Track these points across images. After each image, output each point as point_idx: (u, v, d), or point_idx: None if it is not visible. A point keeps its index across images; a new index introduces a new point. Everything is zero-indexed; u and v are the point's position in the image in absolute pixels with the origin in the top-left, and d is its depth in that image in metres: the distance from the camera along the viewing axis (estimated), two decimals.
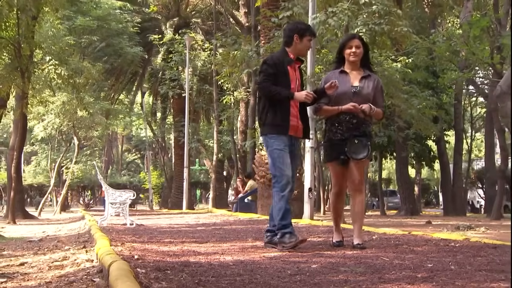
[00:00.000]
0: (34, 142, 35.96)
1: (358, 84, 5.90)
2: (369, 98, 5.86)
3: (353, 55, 5.93)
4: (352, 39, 6.07)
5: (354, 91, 5.85)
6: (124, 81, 34.06)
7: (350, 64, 5.98)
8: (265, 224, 11.06)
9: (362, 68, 6.02)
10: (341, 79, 5.89)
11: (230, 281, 3.75)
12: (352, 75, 5.96)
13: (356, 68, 6.00)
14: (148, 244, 6.57)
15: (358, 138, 5.76)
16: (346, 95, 5.83)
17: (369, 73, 6.02)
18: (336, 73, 6.02)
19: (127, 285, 2.97)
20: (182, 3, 32.58)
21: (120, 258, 4.17)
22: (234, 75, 18.47)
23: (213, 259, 4.99)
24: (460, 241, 6.28)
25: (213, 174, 29.06)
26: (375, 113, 5.88)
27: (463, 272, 3.97)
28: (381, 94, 6.13)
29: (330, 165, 6.13)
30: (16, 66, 16.45)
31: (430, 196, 50.78)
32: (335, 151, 5.87)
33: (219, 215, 17.20)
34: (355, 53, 5.92)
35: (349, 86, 5.88)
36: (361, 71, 5.99)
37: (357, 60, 5.97)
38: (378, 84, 6.05)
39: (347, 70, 6.00)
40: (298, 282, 3.69)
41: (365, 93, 5.87)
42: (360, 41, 6.04)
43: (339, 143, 5.82)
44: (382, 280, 3.67)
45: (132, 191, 13.03)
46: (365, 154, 5.77)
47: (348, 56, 5.96)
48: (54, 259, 5.38)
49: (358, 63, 6.00)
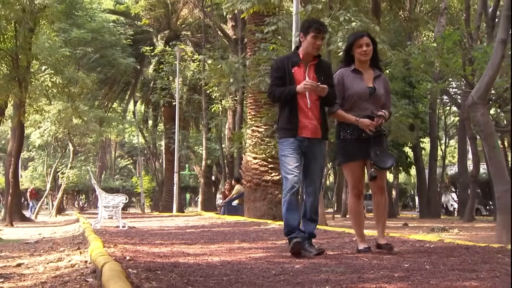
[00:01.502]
0: (31, 149, 35.73)
1: (372, 85, 5.38)
2: (382, 99, 5.41)
3: (364, 54, 5.34)
4: (361, 37, 5.41)
5: (370, 92, 5.33)
6: (117, 90, 33.99)
7: (361, 63, 5.41)
8: (251, 227, 11.08)
9: (371, 67, 5.47)
10: (355, 79, 5.37)
11: (217, 280, 3.75)
12: (365, 74, 5.40)
13: (367, 68, 5.44)
14: (140, 246, 6.55)
15: (377, 147, 5.23)
16: (363, 96, 5.31)
17: (379, 73, 5.50)
18: (348, 71, 5.43)
19: (118, 285, 2.96)
20: (172, 16, 32.58)
21: (113, 259, 4.16)
22: (221, 85, 18.49)
23: (201, 260, 4.98)
24: (435, 242, 6.31)
25: (202, 179, 28.99)
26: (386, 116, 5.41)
27: (437, 271, 3.99)
28: (389, 94, 5.66)
29: (347, 166, 5.47)
30: (14, 76, 16.40)
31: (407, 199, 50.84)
32: (354, 152, 5.34)
33: (207, 218, 17.17)
34: (366, 52, 5.33)
35: (364, 86, 5.33)
36: (372, 71, 5.45)
37: (367, 59, 5.39)
38: (387, 84, 5.60)
39: (359, 69, 5.42)
40: (281, 281, 3.69)
41: (380, 94, 5.38)
42: (370, 38, 5.43)
43: (357, 143, 5.29)
44: (361, 280, 3.68)
45: (124, 195, 12.99)
46: (392, 161, 5.31)
47: (359, 55, 5.36)
48: (50, 260, 5.35)
49: (369, 62, 5.43)
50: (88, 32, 24.90)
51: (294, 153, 5.28)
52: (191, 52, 29.55)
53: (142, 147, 41.56)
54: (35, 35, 17.49)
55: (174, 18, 32.75)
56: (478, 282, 3.50)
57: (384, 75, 5.59)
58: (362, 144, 5.26)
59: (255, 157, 16.14)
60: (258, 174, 15.99)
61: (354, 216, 5.54)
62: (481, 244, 5.96)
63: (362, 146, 5.26)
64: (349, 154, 5.38)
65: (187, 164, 40.66)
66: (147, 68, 32.45)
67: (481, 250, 5.39)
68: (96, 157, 46.22)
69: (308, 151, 5.33)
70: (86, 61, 26.67)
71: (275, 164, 16.21)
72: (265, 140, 15.94)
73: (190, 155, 34.11)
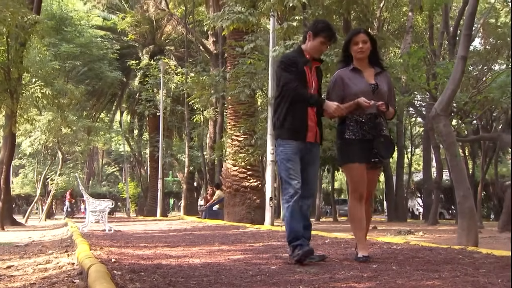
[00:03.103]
0: (22, 156, 35.31)
1: (374, 82, 4.81)
2: (386, 96, 4.81)
3: (360, 52, 4.79)
4: (357, 34, 4.86)
5: (373, 89, 4.76)
6: (104, 102, 33.81)
7: (359, 62, 4.85)
8: (230, 230, 11.06)
9: (371, 65, 4.90)
10: (355, 77, 4.81)
11: (198, 281, 3.73)
12: (365, 72, 4.85)
13: (366, 65, 4.87)
14: (125, 248, 6.49)
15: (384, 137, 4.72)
16: (365, 94, 4.70)
17: (381, 70, 4.91)
18: (347, 71, 4.86)
19: (104, 286, 2.94)
20: (157, 32, 32.55)
21: (99, 261, 4.13)
22: (203, 96, 18.52)
23: (183, 262, 4.95)
24: (401, 244, 6.34)
25: (185, 185, 28.93)
26: (388, 113, 4.83)
27: (403, 271, 4.01)
28: (393, 92, 5.06)
29: (348, 168, 4.80)
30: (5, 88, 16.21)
31: (376, 204, 51.16)
32: (356, 153, 4.71)
33: (189, 222, 17.10)
34: (362, 49, 4.78)
35: (367, 83, 4.77)
36: (372, 68, 4.88)
37: (364, 56, 4.83)
38: (390, 81, 5.02)
39: (358, 67, 4.86)
40: (258, 281, 3.69)
41: (384, 91, 4.81)
42: (367, 35, 4.87)
43: (360, 144, 4.70)
44: (332, 280, 3.68)
45: (110, 200, 12.90)
46: (391, 150, 4.84)
47: (355, 53, 4.82)
48: (39, 262, 5.28)
49: (367, 60, 4.87)
50: (77, 46, 24.78)
51: (297, 157, 4.80)
52: (175, 65, 29.54)
53: (128, 155, 41.35)
54: (26, 49, 17.32)
55: (159, 34, 32.73)
56: (441, 281, 3.53)
57: (386, 72, 5.04)
58: (366, 146, 4.70)
59: (235, 165, 16.14)
60: (237, 180, 15.99)
61: (354, 220, 4.86)
62: (443, 246, 6.01)
63: (366, 147, 4.70)
64: (351, 154, 4.75)
65: (171, 171, 40.51)
66: (133, 81, 32.33)
67: (444, 252, 5.43)
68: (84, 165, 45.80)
69: (307, 156, 4.85)
70: (75, 74, 26.49)
71: (253, 171, 16.24)
72: (244, 148, 15.95)
73: (174, 162, 34.04)
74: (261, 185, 15.78)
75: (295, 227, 4.72)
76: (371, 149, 4.70)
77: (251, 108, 16.61)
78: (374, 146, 4.68)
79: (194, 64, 27.21)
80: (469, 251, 5.45)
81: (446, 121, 7.08)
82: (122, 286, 3.35)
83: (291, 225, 4.73)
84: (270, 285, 3.51)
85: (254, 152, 15.81)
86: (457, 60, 7.48)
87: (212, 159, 25.21)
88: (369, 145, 4.69)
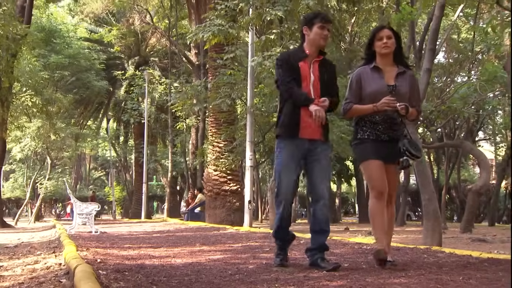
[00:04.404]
0: (12, 162, 34.80)
1: (394, 83, 4.35)
2: (406, 98, 4.34)
3: (385, 47, 4.34)
4: (382, 29, 4.43)
5: (390, 90, 4.31)
6: (91, 110, 33.53)
7: (383, 58, 4.39)
8: (211, 231, 11.02)
9: (396, 64, 4.44)
10: (374, 76, 4.36)
11: (179, 280, 3.72)
12: (386, 71, 4.38)
13: (389, 63, 4.41)
14: (110, 249, 6.44)
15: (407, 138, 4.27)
16: (382, 94, 4.28)
17: (404, 69, 4.43)
18: (367, 69, 4.41)
19: (89, 285, 2.92)
20: (142, 44, 32.42)
21: (85, 262, 4.09)
22: (186, 105, 18.49)
23: (165, 262, 4.93)
24: (371, 244, 6.38)
25: (168, 189, 28.77)
26: (409, 114, 4.33)
27: (372, 270, 4.04)
28: (417, 92, 4.55)
29: (367, 165, 4.33)
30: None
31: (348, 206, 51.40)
32: (373, 150, 4.29)
33: (172, 224, 17.01)
34: (387, 44, 4.33)
35: (384, 84, 4.33)
36: (396, 67, 4.41)
37: (389, 52, 4.36)
38: (414, 81, 4.53)
39: (380, 66, 4.40)
40: (237, 280, 3.69)
41: (403, 92, 4.34)
42: (391, 31, 4.42)
43: (375, 144, 4.30)
44: (307, 278, 3.70)
45: (97, 203, 12.80)
46: (420, 152, 4.40)
47: (379, 48, 4.36)
48: (27, 262, 5.21)
49: (391, 56, 4.41)
50: (65, 57, 24.58)
51: (291, 159, 4.30)
52: (159, 76, 29.44)
53: (114, 160, 41.09)
54: (17, 60, 17.15)
55: (143, 46, 32.60)
56: (407, 279, 3.56)
57: (411, 72, 4.53)
58: (381, 146, 4.30)
59: (216, 170, 16.12)
60: (218, 184, 15.97)
61: (374, 220, 4.31)
62: (410, 246, 6.07)
63: (382, 148, 4.30)
64: (368, 152, 4.32)
65: (155, 176, 40.30)
66: (119, 90, 32.13)
67: (410, 251, 5.48)
68: (72, 169, 45.30)
69: (310, 154, 4.31)
70: (63, 83, 26.22)
71: (233, 175, 16.23)
72: (225, 154, 15.94)
73: (158, 167, 33.83)
74: (240, 189, 15.77)
75: (280, 235, 4.44)
76: (386, 150, 4.29)
77: (231, 116, 16.61)
78: (401, 145, 4.23)
79: (177, 75, 27.17)
80: (433, 250, 5.51)
81: (413, 129, 7.17)
82: (106, 285, 3.32)
83: (276, 233, 4.46)
84: (248, 284, 3.51)
85: (234, 158, 15.81)
86: (422, 72, 7.58)
87: (194, 165, 25.13)
88: (384, 146, 4.30)
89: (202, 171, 20.32)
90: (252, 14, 12.26)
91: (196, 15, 18.55)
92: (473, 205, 13.18)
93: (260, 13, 11.79)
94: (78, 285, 3.01)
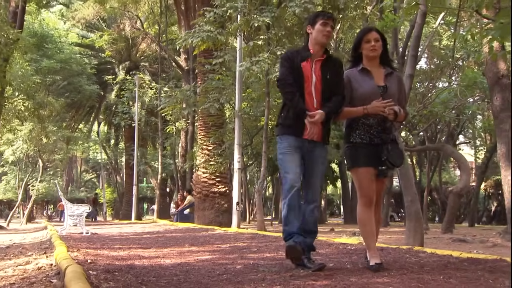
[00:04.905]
0: (5, 164, 34.51)
1: (383, 83, 4.21)
2: (396, 99, 4.21)
3: (373, 50, 4.21)
4: (370, 31, 4.29)
5: (382, 91, 4.18)
6: (83, 113, 33.38)
7: (370, 60, 4.26)
8: (200, 232, 11.00)
9: (382, 65, 4.31)
10: (364, 78, 4.22)
11: (168, 280, 3.71)
12: (374, 72, 4.24)
13: (376, 65, 4.28)
14: (100, 250, 6.40)
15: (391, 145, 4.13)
16: (373, 96, 4.14)
17: (391, 70, 4.32)
18: (355, 72, 4.27)
19: (79, 285, 2.90)
20: (132, 49, 32.31)
21: (75, 262, 4.06)
22: (176, 109, 18.48)
23: (155, 262, 4.91)
24: (355, 244, 6.41)
25: (158, 191, 28.64)
26: (398, 118, 4.22)
27: (356, 270, 4.05)
28: (404, 93, 4.46)
29: (357, 172, 4.20)
30: None
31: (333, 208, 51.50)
32: (364, 157, 4.14)
33: (162, 225, 16.96)
34: (375, 47, 4.20)
35: (375, 85, 4.18)
36: (382, 68, 4.29)
37: (377, 55, 4.24)
38: (401, 83, 4.42)
39: (368, 67, 4.26)
40: (224, 280, 3.68)
41: (393, 92, 4.21)
42: (379, 34, 4.29)
43: (367, 148, 4.14)
44: (292, 278, 3.70)
45: (88, 205, 12.75)
46: (402, 160, 4.25)
47: (367, 51, 4.23)
48: (19, 263, 5.16)
49: (378, 59, 4.29)
50: (57, 62, 24.45)
51: (294, 152, 4.17)
52: (149, 80, 29.36)
53: (105, 162, 40.89)
54: (9, 64, 16.99)
55: (134, 51, 32.49)
56: (389, 279, 3.58)
57: (397, 73, 4.44)
58: (374, 150, 4.14)
59: (204, 172, 16.10)
60: (207, 186, 15.95)
61: (363, 227, 4.22)
62: (393, 246, 6.09)
63: (374, 152, 4.13)
64: (359, 158, 4.17)
65: (145, 178, 40.19)
66: (110, 94, 31.98)
67: (393, 251, 5.50)
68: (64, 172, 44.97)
69: (308, 155, 4.21)
70: (55, 87, 26.08)
71: (221, 178, 16.22)
72: (213, 157, 15.93)
73: (148, 169, 33.72)
74: (228, 191, 15.76)
75: (290, 226, 4.14)
76: (379, 154, 4.14)
77: (219, 120, 16.61)
78: (382, 153, 4.11)
79: (167, 79, 27.08)
80: (415, 250, 5.53)
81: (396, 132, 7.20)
82: (96, 285, 3.30)
83: (285, 222, 4.17)
84: (235, 284, 3.51)
85: (222, 161, 15.81)
86: (405, 78, 7.62)
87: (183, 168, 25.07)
88: (377, 149, 4.14)
89: (192, 173, 20.27)
90: (240, 20, 12.28)
91: (185, 21, 18.52)
92: (454, 206, 13.26)
93: (248, 20, 11.80)
94: (69, 285, 2.99)
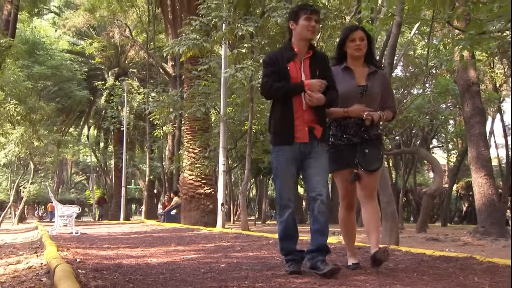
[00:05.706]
0: None
1: (365, 83, 4.04)
2: (378, 98, 4.08)
3: (357, 49, 4.03)
4: (355, 30, 4.09)
5: (362, 91, 4.02)
6: (73, 118, 33.09)
7: (354, 59, 4.09)
8: (186, 232, 10.95)
9: (366, 64, 4.14)
10: (345, 77, 4.04)
11: (154, 278, 3.69)
12: (357, 72, 4.08)
13: (360, 64, 4.11)
14: (89, 249, 6.35)
15: (368, 147, 3.96)
16: (353, 95, 3.99)
17: (375, 69, 4.13)
18: (338, 70, 4.08)
19: (68, 284, 2.87)
20: (121, 56, 32.17)
21: (64, 261, 4.03)
22: (163, 113, 18.42)
23: (142, 261, 4.88)
24: (334, 244, 6.43)
25: (146, 192, 28.51)
26: (384, 117, 4.10)
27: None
28: (390, 92, 4.28)
29: (338, 174, 4.12)
30: None
31: None
32: (344, 159, 4.01)
33: (149, 225, 16.87)
34: (360, 46, 4.03)
35: (355, 85, 4.02)
36: (366, 67, 4.11)
37: (362, 54, 4.07)
38: (386, 81, 4.25)
39: (351, 66, 4.09)
40: (209, 278, 3.68)
41: (375, 92, 4.05)
42: (364, 32, 4.10)
43: (347, 149, 4.00)
44: (274, 276, 3.71)
45: (77, 206, 12.66)
46: (378, 164, 4.01)
47: (352, 50, 4.05)
48: (10, 262, 5.10)
49: (363, 58, 4.11)
50: (48, 68, 24.24)
51: (289, 165, 3.87)
52: (137, 86, 29.28)
53: (95, 165, 40.66)
54: (1, 70, 16.82)
55: (123, 58, 32.36)
56: (366, 276, 3.61)
57: (382, 71, 4.26)
58: (353, 150, 3.99)
59: (191, 174, 16.05)
60: (193, 188, 15.90)
61: (344, 228, 4.25)
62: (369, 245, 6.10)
63: (353, 152, 3.98)
64: (339, 161, 4.03)
65: (133, 180, 39.92)
66: (99, 99, 31.81)
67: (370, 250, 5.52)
68: (54, 174, 44.53)
69: (305, 157, 3.85)
70: (46, 93, 25.83)
71: (207, 180, 16.19)
72: (199, 160, 15.91)
73: (136, 172, 33.53)
74: (213, 192, 15.72)
75: (286, 244, 3.90)
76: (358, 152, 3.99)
77: (205, 124, 16.59)
78: (356, 155, 3.96)
79: (155, 85, 26.96)
80: (391, 249, 5.57)
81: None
82: (85, 284, 3.28)
83: (281, 243, 3.92)
84: (219, 281, 3.50)
85: (208, 163, 15.79)
86: None
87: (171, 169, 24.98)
88: (355, 149, 3.99)
89: (178, 175, 20.19)
90: (225, 29, 12.30)
91: (172, 29, 18.45)
92: (428, 207, 13.38)
93: (232, 29, 11.83)
94: (58, 284, 2.96)
